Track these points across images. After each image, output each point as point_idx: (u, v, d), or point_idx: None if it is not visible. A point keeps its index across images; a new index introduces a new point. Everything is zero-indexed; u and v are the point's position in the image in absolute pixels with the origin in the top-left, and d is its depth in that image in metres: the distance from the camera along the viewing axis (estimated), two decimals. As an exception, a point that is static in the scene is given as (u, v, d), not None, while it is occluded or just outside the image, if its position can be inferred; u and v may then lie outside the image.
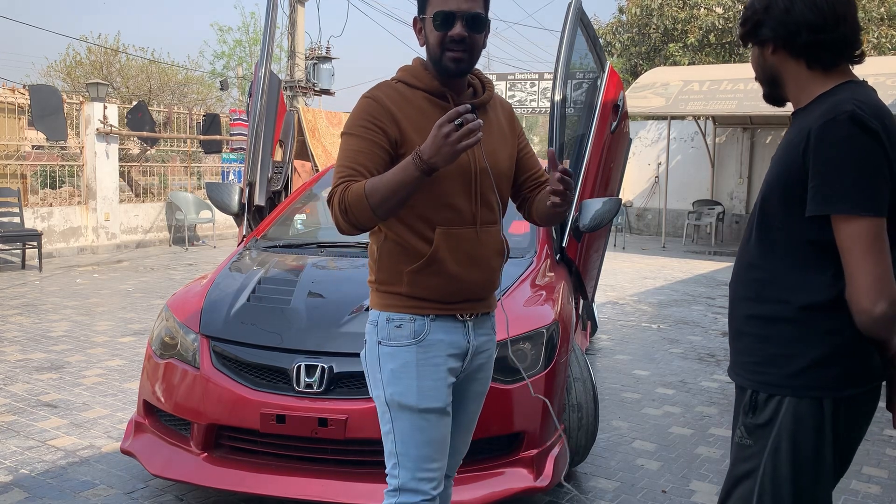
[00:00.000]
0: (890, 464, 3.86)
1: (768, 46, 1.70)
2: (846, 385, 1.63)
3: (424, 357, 2.00)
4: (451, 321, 2.04)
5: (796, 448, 1.64)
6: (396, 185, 1.81)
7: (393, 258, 2.01)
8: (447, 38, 1.95)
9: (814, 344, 1.62)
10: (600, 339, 6.51)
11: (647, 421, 4.41)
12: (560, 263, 3.94)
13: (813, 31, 1.62)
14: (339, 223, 1.90)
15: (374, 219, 1.87)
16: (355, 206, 1.85)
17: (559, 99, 3.85)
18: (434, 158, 1.76)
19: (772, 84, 1.75)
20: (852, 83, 1.65)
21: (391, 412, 2.01)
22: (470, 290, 2.05)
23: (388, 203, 1.83)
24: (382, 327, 2.02)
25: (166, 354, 3.22)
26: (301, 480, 2.84)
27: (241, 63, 29.82)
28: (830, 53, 1.64)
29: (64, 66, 21.92)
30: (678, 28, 18.17)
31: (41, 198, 12.53)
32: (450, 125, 1.73)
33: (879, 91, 1.69)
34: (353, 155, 1.93)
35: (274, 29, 4.54)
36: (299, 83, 15.05)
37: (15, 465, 3.61)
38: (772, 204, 1.65)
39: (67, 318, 6.85)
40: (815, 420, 1.63)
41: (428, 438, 2.00)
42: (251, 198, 4.34)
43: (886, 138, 1.54)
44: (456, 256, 1.99)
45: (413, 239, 1.98)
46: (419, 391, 1.98)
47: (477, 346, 2.10)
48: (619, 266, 11.02)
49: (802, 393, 1.63)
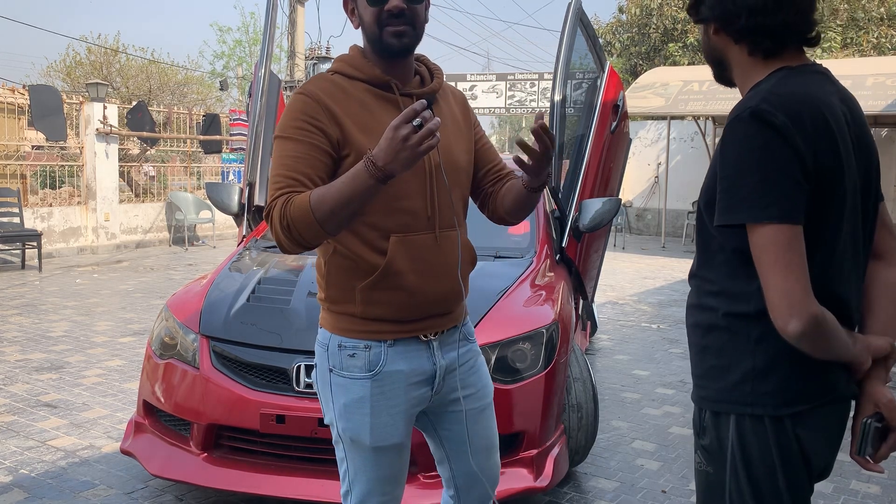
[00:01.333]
0: (890, 464, 3.85)
1: (710, 26, 1.56)
2: (788, 401, 1.44)
3: (380, 391, 1.80)
4: (413, 344, 1.83)
5: (752, 475, 1.47)
6: (347, 196, 1.59)
7: (343, 273, 1.79)
8: (384, 12, 1.73)
9: (745, 354, 1.46)
10: (600, 339, 6.51)
11: (647, 421, 4.41)
12: (560, 263, 3.94)
13: (752, 13, 1.47)
14: (281, 242, 1.67)
15: (323, 234, 1.64)
16: (299, 222, 1.62)
17: (559, 99, 3.85)
18: (391, 165, 1.54)
19: (717, 65, 1.61)
20: (786, 70, 1.49)
21: (343, 444, 1.87)
22: (432, 305, 1.82)
23: (337, 216, 1.61)
24: (334, 354, 1.82)
25: (166, 354, 3.22)
26: (301, 480, 2.85)
27: (241, 63, 29.84)
28: (771, 40, 1.49)
29: (64, 66, 21.93)
30: (678, 28, 18.17)
31: (41, 198, 12.53)
32: (408, 126, 1.52)
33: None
34: (291, 162, 1.69)
35: (274, 29, 4.54)
36: (299, 83, 15.05)
37: (15, 465, 3.61)
38: (704, 211, 1.51)
39: (67, 319, 6.85)
40: (760, 439, 1.46)
41: (380, 475, 1.86)
42: (251, 198, 4.34)
43: (799, 132, 1.36)
44: (414, 267, 1.77)
45: (364, 250, 1.76)
46: (373, 429, 1.80)
47: (447, 365, 1.88)
48: (619, 266, 11.02)
49: (738, 409, 1.47)
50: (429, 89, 1.86)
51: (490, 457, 2.01)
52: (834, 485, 3.55)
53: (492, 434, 2.01)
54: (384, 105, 1.79)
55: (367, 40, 1.81)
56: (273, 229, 1.68)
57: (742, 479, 1.47)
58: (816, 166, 1.38)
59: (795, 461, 1.46)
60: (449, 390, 1.90)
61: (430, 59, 1.95)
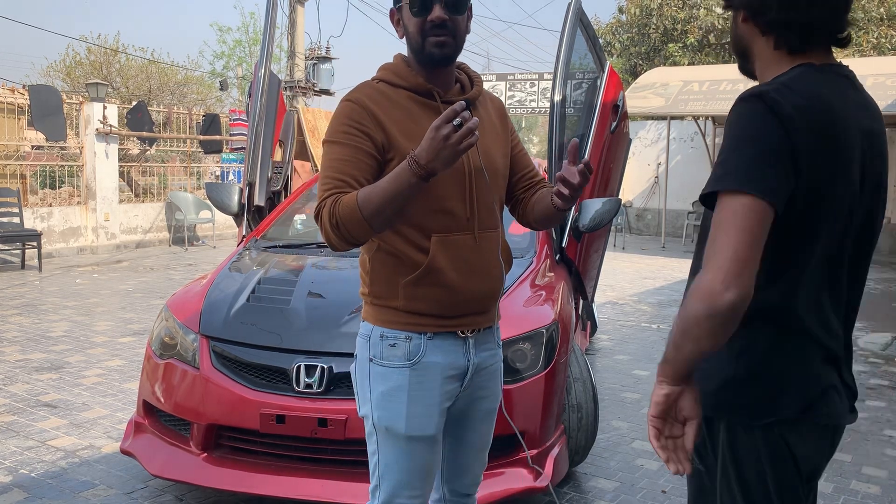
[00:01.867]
0: (890, 464, 3.86)
1: (740, 14, 1.52)
2: (762, 413, 1.42)
3: (418, 381, 1.88)
4: (451, 339, 1.91)
5: (742, 478, 1.45)
6: (392, 194, 1.69)
7: (387, 269, 1.89)
8: (427, 23, 1.82)
9: (727, 363, 1.44)
10: (600, 339, 6.51)
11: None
12: (560, 263, 3.94)
13: (783, 6, 1.43)
14: (331, 239, 1.77)
15: (370, 231, 1.74)
16: (348, 220, 1.72)
17: (559, 99, 3.85)
18: (433, 163, 1.64)
19: (742, 56, 1.58)
20: (807, 67, 1.45)
21: (377, 435, 1.93)
22: (471, 303, 1.92)
23: (383, 214, 1.71)
24: (375, 344, 1.91)
25: (166, 355, 3.22)
26: (301, 480, 2.85)
27: (241, 63, 29.82)
28: (798, 35, 1.45)
29: (64, 66, 21.95)
30: (678, 28, 18.17)
31: (41, 198, 12.53)
32: (448, 126, 1.61)
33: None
34: (339, 164, 1.80)
35: (274, 29, 4.54)
36: (299, 83, 15.04)
37: (15, 465, 3.61)
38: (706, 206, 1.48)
39: (67, 319, 6.85)
40: (750, 443, 1.44)
41: (413, 466, 1.91)
42: (251, 198, 4.34)
43: (801, 129, 1.33)
44: (455, 265, 1.87)
45: (408, 249, 1.86)
46: (408, 418, 1.88)
47: (478, 363, 1.97)
48: (618, 266, 11.02)
49: (718, 415, 1.45)
50: (469, 96, 1.96)
51: (483, 454, 2.13)
52: (834, 485, 3.56)
53: (489, 437, 2.12)
54: (426, 112, 1.88)
55: (410, 49, 1.91)
56: (323, 228, 1.77)
57: (733, 482, 1.46)
58: (809, 171, 1.34)
59: (786, 465, 1.45)
60: (472, 388, 1.99)
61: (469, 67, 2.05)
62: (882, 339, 6.56)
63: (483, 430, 2.08)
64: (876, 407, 4.79)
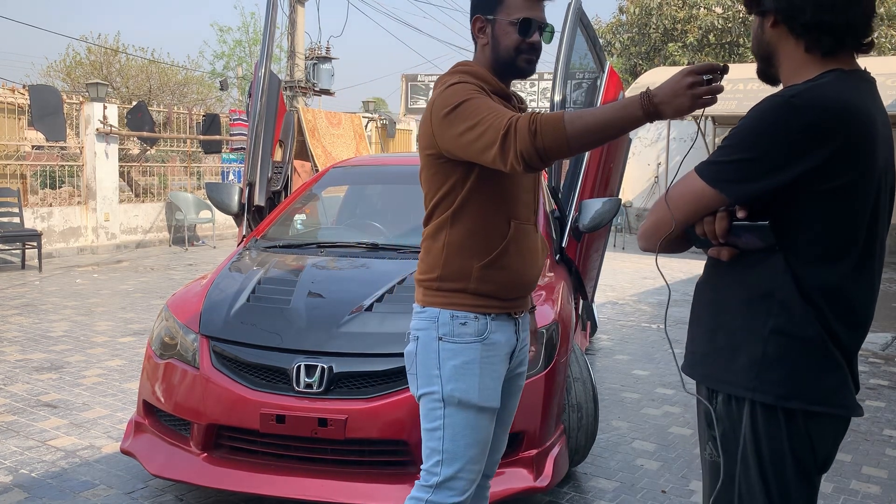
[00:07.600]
0: (890, 464, 3.86)
1: (769, 18, 1.53)
2: (789, 395, 1.45)
3: (487, 356, 2.02)
4: (506, 319, 2.07)
5: (762, 462, 1.48)
6: (608, 121, 1.69)
7: (464, 252, 2.00)
8: (524, 43, 2.01)
9: (757, 340, 1.47)
10: (600, 339, 6.51)
11: (647, 421, 4.41)
12: (560, 263, 3.94)
13: (819, 10, 1.45)
14: (521, 149, 1.72)
15: (565, 151, 1.73)
16: (548, 131, 1.70)
17: (559, 99, 3.84)
18: (665, 105, 1.62)
19: (766, 60, 1.60)
20: (840, 72, 1.47)
21: (445, 409, 2.01)
22: (525, 287, 2.10)
23: (589, 136, 1.71)
24: (445, 323, 2.01)
25: (166, 354, 3.22)
26: (301, 480, 2.85)
27: (241, 63, 29.84)
28: (832, 38, 1.47)
29: (64, 66, 21.93)
30: (678, 28, 18.16)
31: (41, 198, 12.54)
32: (698, 77, 1.59)
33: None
34: (496, 106, 1.85)
35: (274, 29, 4.54)
36: (299, 83, 15.04)
37: (15, 465, 3.61)
38: None
39: (67, 319, 6.85)
40: (772, 428, 1.47)
41: (478, 438, 2.03)
42: (251, 198, 4.34)
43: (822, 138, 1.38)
44: (520, 251, 2.04)
45: (490, 230, 2.00)
46: (481, 389, 2.00)
47: (520, 343, 2.15)
48: (618, 266, 11.02)
49: (741, 392, 1.49)
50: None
51: (506, 433, 2.27)
52: (834, 485, 3.55)
53: (513, 414, 2.27)
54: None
55: (494, 59, 2.05)
56: (514, 136, 1.74)
57: (752, 467, 1.49)
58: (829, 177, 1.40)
59: (804, 451, 1.48)
60: (513, 366, 2.16)
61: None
62: (882, 339, 6.56)
63: (511, 407, 2.23)
64: (876, 407, 4.79)
